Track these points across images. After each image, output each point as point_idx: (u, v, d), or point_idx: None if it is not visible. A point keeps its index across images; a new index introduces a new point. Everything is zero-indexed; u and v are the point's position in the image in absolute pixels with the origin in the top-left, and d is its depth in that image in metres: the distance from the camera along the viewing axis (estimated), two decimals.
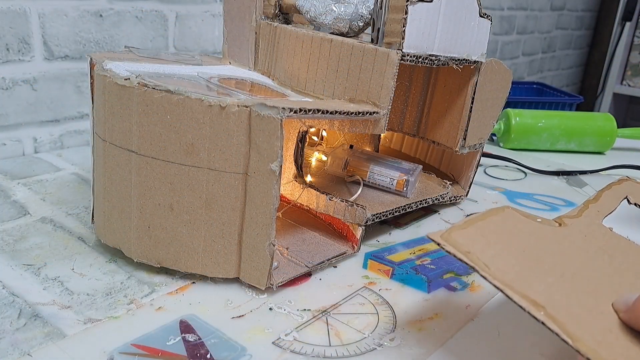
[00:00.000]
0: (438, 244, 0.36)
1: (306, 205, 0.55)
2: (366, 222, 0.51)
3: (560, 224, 0.43)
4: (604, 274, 0.38)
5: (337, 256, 0.49)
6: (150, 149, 0.41)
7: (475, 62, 0.54)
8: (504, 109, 0.88)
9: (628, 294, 0.32)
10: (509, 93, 0.63)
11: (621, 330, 0.32)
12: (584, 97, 1.97)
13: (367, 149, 0.66)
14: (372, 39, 0.49)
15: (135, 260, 0.45)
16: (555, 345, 0.39)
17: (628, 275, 0.38)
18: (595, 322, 0.32)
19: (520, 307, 0.32)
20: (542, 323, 0.31)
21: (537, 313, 0.31)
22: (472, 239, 0.37)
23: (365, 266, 0.49)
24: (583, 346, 0.30)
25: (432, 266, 0.50)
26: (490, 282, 0.33)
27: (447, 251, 0.35)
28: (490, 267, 0.34)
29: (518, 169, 0.83)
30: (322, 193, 0.53)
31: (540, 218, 0.43)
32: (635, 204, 0.49)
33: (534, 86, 1.54)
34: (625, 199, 0.49)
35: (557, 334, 0.30)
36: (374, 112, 0.47)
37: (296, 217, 0.55)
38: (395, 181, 0.58)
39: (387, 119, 0.48)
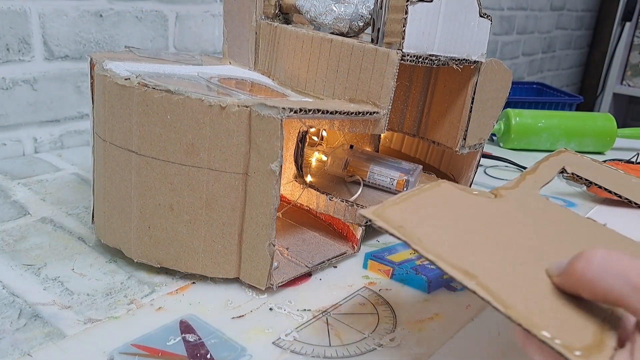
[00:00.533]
0: (369, 220, 0.35)
1: (306, 206, 0.55)
2: (366, 222, 0.51)
3: (496, 195, 0.42)
4: (540, 242, 0.38)
5: (337, 256, 0.49)
6: (151, 149, 0.41)
7: (475, 62, 0.54)
8: (504, 109, 0.88)
9: (561, 259, 0.31)
10: (509, 93, 0.63)
11: (555, 295, 0.31)
12: (584, 97, 1.97)
13: (367, 149, 0.66)
14: (372, 39, 0.49)
15: (135, 260, 0.44)
16: None
17: (563, 242, 0.38)
18: (530, 289, 0.32)
19: (452, 277, 0.31)
20: (474, 292, 0.31)
21: (468, 282, 0.31)
22: (406, 214, 0.36)
23: (365, 266, 0.49)
24: (514, 313, 0.30)
25: (432, 266, 0.50)
26: (423, 256, 0.33)
27: (378, 227, 0.34)
28: (423, 240, 0.34)
29: (518, 169, 0.83)
30: (322, 193, 0.53)
31: (477, 191, 0.42)
32: (572, 174, 0.50)
33: (534, 86, 1.54)
34: (563, 169, 0.50)
35: (488, 302, 0.30)
36: (374, 112, 0.47)
37: (296, 217, 0.55)
38: (396, 181, 0.58)
39: (387, 119, 0.48)
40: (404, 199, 0.38)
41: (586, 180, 0.50)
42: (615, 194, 0.49)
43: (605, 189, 0.49)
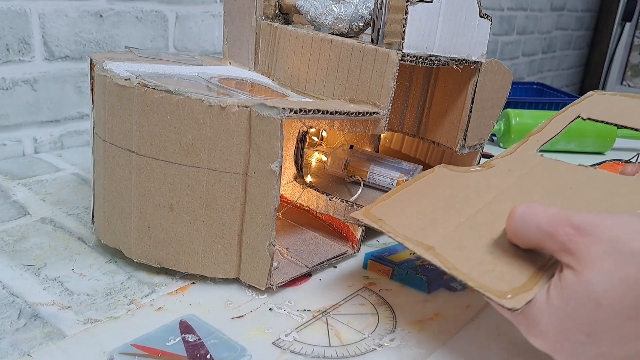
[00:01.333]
0: (358, 220, 0.40)
1: (306, 206, 0.55)
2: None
3: (486, 167, 0.45)
4: (517, 199, 0.40)
5: (337, 256, 0.49)
6: (151, 149, 0.41)
7: (475, 62, 0.55)
8: (504, 109, 0.88)
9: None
10: (509, 93, 0.63)
11: (500, 250, 0.34)
12: None
13: (367, 149, 0.66)
14: (372, 39, 0.49)
15: (135, 260, 0.45)
16: None
17: (543, 193, 0.40)
18: (479, 250, 0.35)
19: (414, 252, 0.35)
20: (428, 260, 0.34)
21: (424, 253, 0.35)
22: (389, 208, 0.40)
23: (365, 266, 0.49)
24: (458, 273, 0.33)
25: (432, 266, 0.50)
26: (394, 239, 0.37)
27: (364, 224, 0.39)
28: (396, 228, 0.38)
29: None
30: (322, 193, 0.53)
31: (474, 168, 0.45)
32: (588, 119, 0.48)
33: (534, 86, 1.54)
34: (579, 117, 0.49)
35: (439, 267, 0.34)
36: (374, 113, 0.47)
37: (296, 217, 0.55)
38: (396, 181, 0.58)
39: (387, 119, 0.48)
40: (393, 193, 0.42)
41: (609, 122, 0.47)
42: None
43: (632, 128, 0.46)
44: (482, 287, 0.32)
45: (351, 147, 0.63)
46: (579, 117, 0.48)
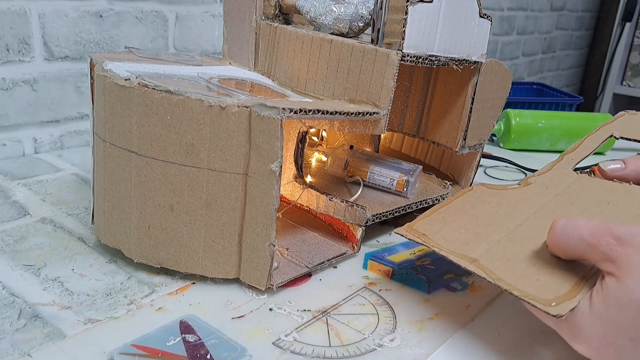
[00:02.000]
0: (402, 236, 0.43)
1: (306, 206, 0.55)
2: (366, 222, 0.51)
3: (523, 185, 0.47)
4: (556, 214, 0.42)
5: (337, 256, 0.49)
6: (151, 149, 0.41)
7: (475, 62, 0.55)
8: (504, 109, 0.88)
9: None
10: (509, 93, 0.63)
11: (543, 262, 0.36)
12: (584, 98, 1.97)
13: (367, 149, 0.66)
14: (372, 40, 0.49)
15: (135, 260, 0.45)
16: (556, 346, 0.39)
17: (581, 208, 0.42)
18: (522, 262, 0.37)
19: (459, 265, 0.37)
20: (474, 272, 0.36)
21: (469, 266, 0.37)
22: (432, 223, 0.43)
23: (365, 267, 0.49)
24: (503, 283, 0.35)
25: (432, 266, 0.50)
26: (439, 253, 0.39)
27: (409, 239, 0.41)
28: (439, 242, 0.40)
29: (518, 169, 0.83)
30: (322, 193, 0.53)
31: (511, 185, 0.47)
32: (621, 138, 0.51)
33: (534, 87, 1.54)
34: (611, 136, 0.51)
35: (484, 278, 0.35)
36: (374, 113, 0.47)
37: (296, 217, 0.55)
38: (396, 182, 0.58)
39: (387, 119, 0.48)
40: (435, 210, 0.45)
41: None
42: None
43: None
44: (527, 295, 0.33)
45: (351, 147, 0.63)
46: (611, 136, 0.51)
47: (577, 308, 0.32)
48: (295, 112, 0.39)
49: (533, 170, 0.81)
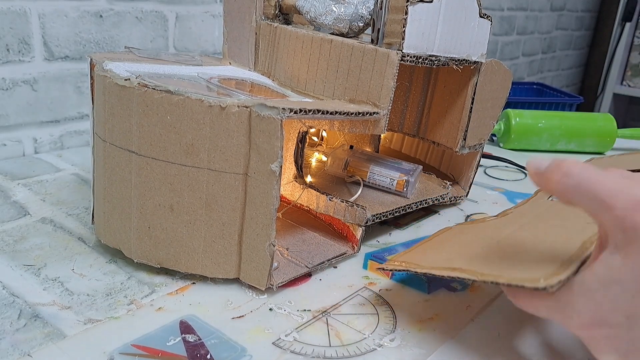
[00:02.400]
0: (382, 269, 0.44)
1: (306, 206, 0.55)
2: (366, 222, 0.51)
3: (501, 216, 0.49)
4: (536, 229, 0.42)
5: (337, 256, 0.49)
6: (151, 149, 0.41)
7: (475, 62, 0.55)
8: (504, 109, 0.88)
9: (541, 159, 0.33)
10: (509, 93, 0.63)
11: (522, 252, 0.37)
12: (584, 98, 1.96)
13: (367, 149, 0.66)
14: (372, 40, 0.49)
15: (135, 260, 0.45)
16: (555, 346, 0.39)
17: (555, 230, 0.42)
18: (499, 259, 0.37)
19: (442, 276, 0.37)
20: (458, 277, 0.36)
21: (452, 272, 0.36)
22: (412, 256, 0.44)
23: (365, 266, 0.49)
24: (486, 277, 0.34)
25: None
26: (420, 272, 0.39)
27: (389, 270, 0.42)
28: (420, 263, 0.41)
29: (518, 169, 0.83)
30: (322, 193, 0.53)
31: (489, 217, 0.49)
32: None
33: (534, 87, 1.54)
34: None
35: (468, 279, 0.35)
36: (374, 113, 0.47)
37: (296, 217, 0.55)
38: (396, 182, 0.58)
39: (387, 119, 0.48)
40: (415, 247, 0.47)
41: None
42: None
43: None
44: (513, 279, 0.32)
45: (351, 147, 0.63)
46: None
47: (569, 284, 0.30)
48: (295, 112, 0.39)
49: None
